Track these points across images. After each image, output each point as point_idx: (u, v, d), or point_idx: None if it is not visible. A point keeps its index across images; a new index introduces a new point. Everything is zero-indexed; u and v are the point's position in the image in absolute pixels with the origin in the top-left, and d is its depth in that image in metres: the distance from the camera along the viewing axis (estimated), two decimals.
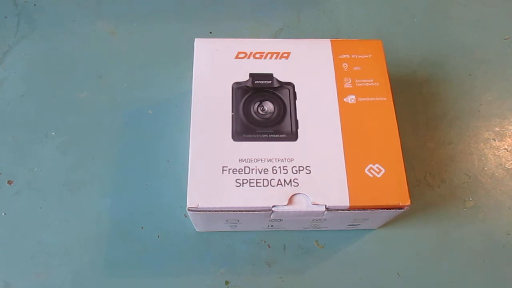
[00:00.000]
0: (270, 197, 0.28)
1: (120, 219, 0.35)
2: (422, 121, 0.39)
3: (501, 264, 0.34)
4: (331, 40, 0.33)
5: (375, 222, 0.33)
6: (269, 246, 0.34)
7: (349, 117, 0.30)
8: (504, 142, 0.39)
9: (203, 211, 0.28)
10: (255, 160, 0.29)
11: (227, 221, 0.31)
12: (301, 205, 0.28)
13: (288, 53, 0.32)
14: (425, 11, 0.45)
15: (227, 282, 0.33)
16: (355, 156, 0.29)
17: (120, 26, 0.43)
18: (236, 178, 0.28)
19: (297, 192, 0.28)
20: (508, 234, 0.35)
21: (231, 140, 0.29)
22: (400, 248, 0.35)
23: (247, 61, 0.32)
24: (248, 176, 0.28)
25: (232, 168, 0.28)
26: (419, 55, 0.42)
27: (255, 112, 0.30)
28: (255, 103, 0.31)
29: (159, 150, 0.37)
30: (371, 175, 0.29)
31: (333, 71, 0.32)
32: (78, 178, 0.36)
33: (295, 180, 0.28)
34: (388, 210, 0.28)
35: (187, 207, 0.27)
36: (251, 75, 0.31)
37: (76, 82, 0.40)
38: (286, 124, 0.30)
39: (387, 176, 0.29)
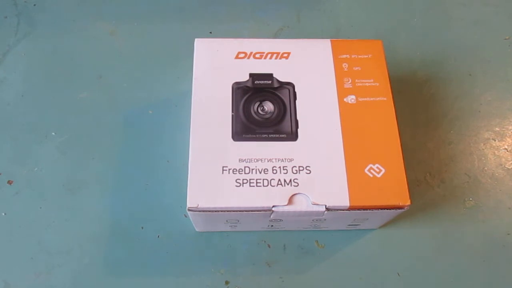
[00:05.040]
0: (270, 197, 0.28)
1: (120, 219, 0.35)
2: (422, 121, 0.39)
3: (501, 264, 0.34)
4: (331, 40, 0.33)
5: (375, 222, 0.33)
6: (269, 246, 0.34)
7: (349, 117, 0.30)
8: (504, 142, 0.39)
9: (203, 211, 0.28)
10: (255, 160, 0.29)
11: (227, 221, 0.31)
12: (301, 205, 0.28)
13: (288, 53, 0.32)
14: (425, 11, 0.45)
15: (227, 282, 0.33)
16: (355, 156, 0.29)
17: (120, 26, 0.43)
18: (236, 178, 0.28)
19: (297, 192, 0.28)
20: (508, 234, 0.35)
21: (231, 140, 0.29)
22: (400, 248, 0.35)
23: (247, 61, 0.32)
24: (248, 176, 0.28)
25: (232, 168, 0.28)
26: (419, 55, 0.42)
27: (255, 112, 0.30)
28: (255, 103, 0.31)
29: (159, 150, 0.37)
30: (371, 175, 0.29)
31: (333, 71, 0.32)
32: (78, 178, 0.36)
33: (295, 180, 0.28)
34: (388, 210, 0.28)
35: (187, 207, 0.27)
36: (251, 75, 0.31)
37: (76, 82, 0.40)
38: (286, 124, 0.30)
39: (387, 176, 0.29)
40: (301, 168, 0.29)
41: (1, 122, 0.38)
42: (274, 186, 0.28)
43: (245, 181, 0.28)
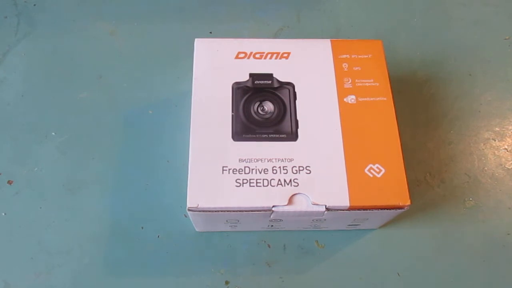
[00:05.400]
0: (270, 197, 0.28)
1: (120, 219, 0.35)
2: (422, 121, 0.39)
3: (501, 264, 0.34)
4: (331, 40, 0.33)
5: (375, 222, 0.33)
6: (269, 246, 0.34)
7: (349, 117, 0.30)
8: (504, 142, 0.39)
9: (203, 211, 0.28)
10: (255, 160, 0.29)
11: (227, 221, 0.31)
12: (301, 205, 0.28)
13: (288, 53, 0.32)
14: (425, 11, 0.45)
15: (227, 282, 0.33)
16: (355, 156, 0.29)
17: (120, 26, 0.43)
18: (236, 178, 0.28)
19: (297, 192, 0.28)
20: (508, 234, 0.35)
21: (231, 140, 0.29)
22: (400, 248, 0.35)
23: (247, 61, 0.32)
24: (248, 176, 0.28)
25: (232, 168, 0.28)
26: (419, 55, 0.42)
27: (255, 112, 0.30)
28: (255, 103, 0.31)
29: (159, 150, 0.37)
30: (371, 175, 0.29)
31: (333, 71, 0.32)
32: (78, 178, 0.36)
33: (295, 180, 0.28)
34: (388, 210, 0.28)
35: (187, 207, 0.27)
36: (251, 75, 0.31)
37: (76, 82, 0.40)
38: (286, 124, 0.30)
39: (387, 176, 0.28)
40: (301, 168, 0.29)
41: (1, 122, 0.38)
42: (274, 186, 0.28)
43: (245, 181, 0.28)
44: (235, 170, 0.28)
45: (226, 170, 0.28)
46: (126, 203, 0.35)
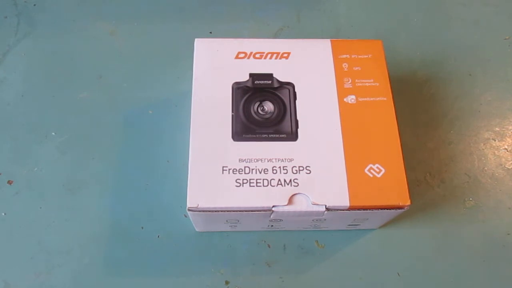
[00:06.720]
0: (270, 197, 0.28)
1: (120, 219, 0.35)
2: (422, 121, 0.39)
3: (501, 264, 0.34)
4: (331, 40, 0.33)
5: (375, 222, 0.33)
6: (269, 246, 0.34)
7: (349, 117, 0.30)
8: (504, 142, 0.39)
9: (203, 211, 0.28)
10: (255, 160, 0.29)
11: (227, 221, 0.31)
12: (301, 205, 0.28)
13: (288, 53, 0.32)
14: (425, 11, 0.45)
15: (227, 282, 0.33)
16: (355, 156, 0.29)
17: (120, 26, 0.43)
18: (236, 178, 0.28)
19: (297, 192, 0.28)
20: (508, 234, 0.35)
21: (231, 140, 0.29)
22: (400, 248, 0.35)
23: (247, 61, 0.32)
24: (248, 176, 0.28)
25: (232, 168, 0.28)
26: (419, 55, 0.42)
27: (255, 112, 0.30)
28: (255, 103, 0.31)
29: (159, 150, 0.37)
30: (371, 175, 0.29)
31: (333, 71, 0.32)
32: (78, 178, 0.36)
33: (295, 180, 0.28)
34: (388, 210, 0.28)
35: (187, 207, 0.27)
36: (251, 75, 0.31)
37: (76, 82, 0.40)
38: (286, 124, 0.30)
39: (387, 176, 0.29)
40: (301, 168, 0.29)
41: (1, 122, 0.38)
42: (274, 186, 0.28)
43: (245, 181, 0.28)
44: (235, 170, 0.28)
45: (226, 170, 0.28)
46: (126, 203, 0.35)
